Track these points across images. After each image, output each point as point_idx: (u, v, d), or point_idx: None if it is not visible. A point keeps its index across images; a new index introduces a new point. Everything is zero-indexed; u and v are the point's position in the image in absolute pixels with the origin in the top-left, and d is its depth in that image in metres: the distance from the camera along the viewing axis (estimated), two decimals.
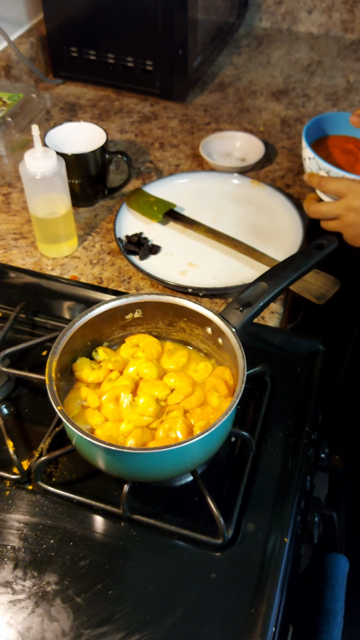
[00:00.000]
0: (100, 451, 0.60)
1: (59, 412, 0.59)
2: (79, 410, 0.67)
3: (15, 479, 0.68)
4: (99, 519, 0.66)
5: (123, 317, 0.72)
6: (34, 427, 0.74)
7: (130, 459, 0.60)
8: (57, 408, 0.59)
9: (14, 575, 0.62)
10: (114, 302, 0.70)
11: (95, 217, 1.02)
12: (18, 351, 0.78)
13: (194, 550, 0.63)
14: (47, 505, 0.67)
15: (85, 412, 0.66)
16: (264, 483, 0.68)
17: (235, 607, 0.60)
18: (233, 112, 1.25)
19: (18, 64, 1.24)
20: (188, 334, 0.73)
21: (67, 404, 0.67)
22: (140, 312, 0.72)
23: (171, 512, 0.67)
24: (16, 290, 0.89)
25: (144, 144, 1.17)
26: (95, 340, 0.73)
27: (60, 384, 0.64)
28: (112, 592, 0.61)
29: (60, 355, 0.65)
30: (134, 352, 0.72)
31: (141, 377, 0.69)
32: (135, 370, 0.69)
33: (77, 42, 1.24)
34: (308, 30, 1.50)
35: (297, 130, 1.19)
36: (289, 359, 0.79)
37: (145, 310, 0.72)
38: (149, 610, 0.59)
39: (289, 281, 0.69)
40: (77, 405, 0.67)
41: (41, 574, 0.62)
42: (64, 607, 0.60)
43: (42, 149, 0.85)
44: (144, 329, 0.74)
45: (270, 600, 0.60)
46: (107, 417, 0.66)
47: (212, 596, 0.60)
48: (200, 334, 0.71)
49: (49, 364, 0.63)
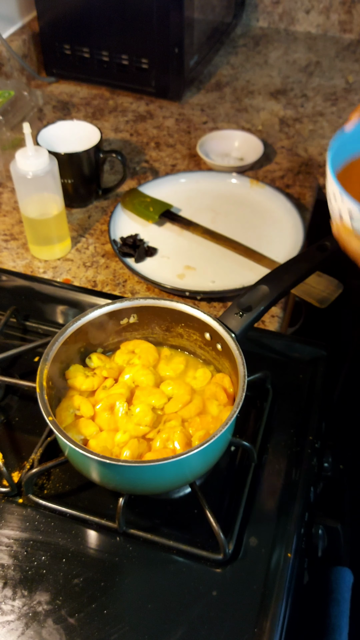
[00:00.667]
0: (94, 464, 0.57)
1: (50, 422, 0.56)
2: (72, 419, 0.63)
3: (5, 492, 0.65)
4: (94, 533, 0.62)
5: (118, 323, 0.69)
6: (24, 436, 0.71)
7: (126, 472, 0.57)
8: (48, 418, 0.56)
9: (2, 595, 0.58)
10: (109, 306, 0.67)
11: (88, 218, 0.99)
12: (8, 357, 0.74)
13: (194, 566, 0.60)
14: (38, 519, 0.63)
15: (78, 421, 0.63)
16: (266, 495, 0.65)
17: (238, 626, 0.57)
18: (230, 111, 1.22)
19: (9, 61, 1.21)
20: (186, 340, 0.70)
21: (59, 413, 0.64)
22: (135, 317, 0.69)
23: (169, 526, 0.63)
24: (6, 293, 0.86)
25: (139, 143, 1.14)
26: (89, 347, 0.69)
27: (52, 392, 0.60)
28: (107, 612, 0.57)
29: (52, 362, 0.62)
30: (129, 358, 0.69)
31: (137, 384, 0.66)
32: (131, 378, 0.66)
33: (71, 39, 1.21)
34: (306, 30, 1.48)
35: (297, 130, 1.17)
36: (291, 365, 0.77)
37: (141, 315, 0.69)
38: (147, 631, 0.56)
39: (290, 284, 0.67)
40: (70, 414, 0.64)
41: (32, 593, 0.58)
42: (56, 629, 0.56)
43: (33, 148, 0.82)
44: (139, 334, 0.71)
45: (274, 618, 0.57)
46: (102, 427, 0.63)
47: (213, 615, 0.57)
48: (199, 340, 0.68)
49: (39, 372, 0.60)
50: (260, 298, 0.66)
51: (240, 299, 0.66)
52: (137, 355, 0.69)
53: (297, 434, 0.70)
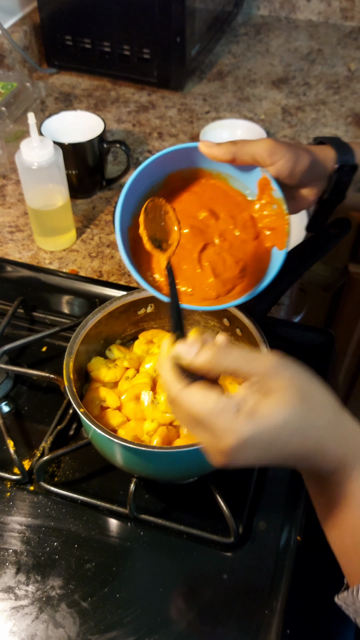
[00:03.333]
0: (130, 454, 0.57)
1: (82, 414, 0.56)
2: (99, 411, 0.64)
3: (16, 479, 0.66)
4: (105, 519, 0.63)
5: (135, 313, 0.70)
6: (34, 425, 0.72)
7: (164, 458, 0.57)
8: (80, 411, 0.57)
9: (16, 580, 0.59)
10: (128, 297, 0.67)
11: (93, 209, 1.00)
12: (17, 347, 0.75)
13: (205, 550, 0.61)
14: (49, 506, 0.64)
15: (105, 413, 0.63)
16: (275, 479, 0.66)
17: (249, 608, 0.58)
18: (233, 100, 1.22)
19: (11, 53, 1.21)
20: (203, 326, 0.70)
21: (85, 405, 0.64)
22: (152, 306, 0.70)
23: (179, 511, 0.64)
24: (13, 284, 0.86)
25: (142, 133, 1.14)
26: (108, 338, 0.70)
27: (78, 385, 0.61)
28: (120, 596, 0.58)
29: (76, 355, 0.62)
30: (148, 348, 0.69)
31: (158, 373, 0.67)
32: (152, 367, 0.67)
33: (72, 30, 1.20)
34: (307, 18, 1.47)
35: (299, 119, 1.16)
36: (298, 353, 0.77)
37: (157, 304, 0.69)
38: (159, 614, 0.57)
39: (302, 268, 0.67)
40: (96, 405, 0.64)
41: (45, 578, 0.59)
42: (69, 612, 0.57)
43: (38, 138, 0.82)
44: (156, 324, 0.72)
45: (284, 600, 0.58)
46: (129, 417, 0.63)
47: (224, 597, 0.58)
48: (217, 326, 0.69)
49: (65, 365, 0.60)
50: (275, 281, 0.66)
51: None
52: (156, 345, 0.69)
53: None
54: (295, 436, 0.41)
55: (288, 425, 0.40)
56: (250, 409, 0.40)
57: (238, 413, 0.40)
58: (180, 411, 0.43)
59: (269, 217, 0.56)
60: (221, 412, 0.40)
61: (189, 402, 0.42)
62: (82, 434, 0.70)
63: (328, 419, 0.42)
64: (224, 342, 0.45)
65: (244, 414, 0.40)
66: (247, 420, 0.40)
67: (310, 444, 0.42)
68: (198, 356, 0.42)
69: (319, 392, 0.43)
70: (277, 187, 0.55)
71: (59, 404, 0.72)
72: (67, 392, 0.58)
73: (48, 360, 0.78)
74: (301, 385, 0.42)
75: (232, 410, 0.40)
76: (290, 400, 0.41)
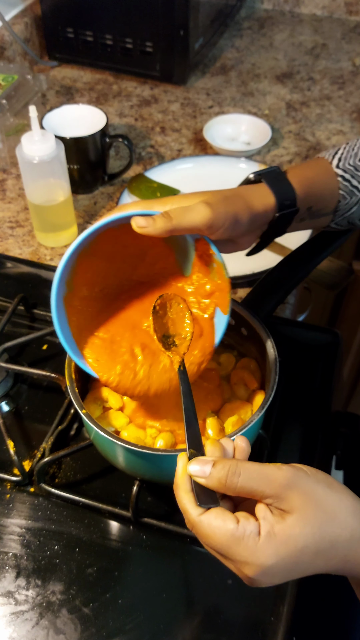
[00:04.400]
0: (134, 457, 0.56)
1: (84, 415, 0.55)
2: (101, 412, 0.62)
3: (16, 480, 0.64)
4: (107, 522, 0.62)
5: None
6: (34, 425, 0.70)
7: (168, 461, 0.55)
8: (82, 412, 0.55)
9: (16, 585, 0.58)
10: None
11: (94, 205, 0.98)
12: (16, 345, 0.73)
13: (208, 555, 0.59)
14: (50, 508, 0.63)
15: (108, 413, 0.62)
16: None
17: (254, 614, 0.56)
18: (236, 95, 1.20)
19: (12, 45, 1.19)
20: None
21: (87, 405, 0.62)
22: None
23: (182, 514, 0.63)
24: (13, 281, 0.85)
25: (144, 128, 1.12)
26: None
27: (80, 385, 0.59)
28: (122, 601, 0.57)
29: None
30: None
31: None
32: None
33: (73, 22, 1.18)
34: (311, 12, 1.45)
35: (304, 114, 1.15)
36: (304, 352, 0.76)
37: None
38: (162, 620, 0.56)
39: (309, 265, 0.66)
40: (98, 406, 0.62)
41: (45, 583, 0.58)
42: (70, 618, 0.56)
43: (39, 132, 0.80)
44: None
45: (291, 606, 0.56)
46: (132, 418, 0.62)
47: (229, 604, 0.57)
48: None
49: (67, 365, 0.58)
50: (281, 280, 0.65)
51: (263, 282, 0.65)
52: None
53: (311, 421, 0.69)
54: (319, 557, 0.40)
55: (309, 547, 0.40)
56: (268, 533, 0.40)
57: (256, 540, 0.40)
58: (200, 538, 0.43)
59: (210, 282, 0.56)
60: (239, 542, 0.40)
61: (206, 532, 0.41)
62: (84, 435, 0.69)
63: (351, 531, 0.41)
64: (243, 449, 0.44)
65: (262, 541, 0.40)
66: (265, 547, 0.39)
67: (336, 560, 0.41)
68: (211, 478, 0.42)
69: (338, 501, 0.41)
70: (216, 250, 0.53)
71: (59, 403, 0.71)
72: (69, 392, 0.56)
73: (49, 358, 0.76)
74: (318, 499, 0.41)
75: (250, 538, 0.40)
76: (308, 519, 0.40)
